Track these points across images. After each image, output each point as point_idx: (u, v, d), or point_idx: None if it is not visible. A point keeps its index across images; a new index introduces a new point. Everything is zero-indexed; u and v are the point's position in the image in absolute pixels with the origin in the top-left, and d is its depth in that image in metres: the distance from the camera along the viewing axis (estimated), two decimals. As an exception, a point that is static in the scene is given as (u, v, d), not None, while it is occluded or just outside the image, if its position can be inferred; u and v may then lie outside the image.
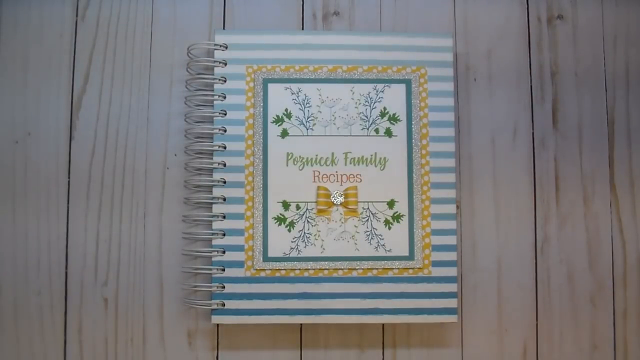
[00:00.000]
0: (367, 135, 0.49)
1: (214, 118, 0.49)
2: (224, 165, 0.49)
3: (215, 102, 0.49)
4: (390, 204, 0.49)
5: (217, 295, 0.48)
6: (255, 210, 0.48)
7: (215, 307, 0.47)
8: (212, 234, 0.48)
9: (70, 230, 0.50)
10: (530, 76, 0.52)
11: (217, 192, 0.49)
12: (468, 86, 0.52)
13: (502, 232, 0.51)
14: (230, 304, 0.48)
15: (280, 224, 0.48)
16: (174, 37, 0.52)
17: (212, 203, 0.49)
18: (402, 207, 0.49)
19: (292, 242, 0.48)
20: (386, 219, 0.49)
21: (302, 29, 0.52)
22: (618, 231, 0.51)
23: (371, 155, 0.49)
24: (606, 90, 0.52)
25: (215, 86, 0.49)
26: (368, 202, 0.49)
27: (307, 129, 0.49)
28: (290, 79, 0.50)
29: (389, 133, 0.50)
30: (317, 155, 0.49)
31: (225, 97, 0.49)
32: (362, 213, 0.49)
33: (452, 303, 0.48)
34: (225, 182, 0.49)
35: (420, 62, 0.50)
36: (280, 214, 0.49)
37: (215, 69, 0.50)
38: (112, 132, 0.51)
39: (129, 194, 0.50)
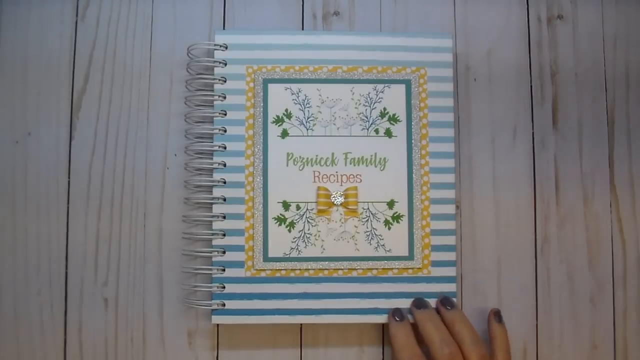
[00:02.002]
0: (367, 136, 0.49)
1: (214, 118, 0.49)
2: (224, 165, 0.49)
3: (215, 102, 0.49)
4: (390, 204, 0.49)
5: (218, 295, 0.48)
6: (256, 210, 0.48)
7: (215, 307, 0.47)
8: (212, 234, 0.48)
9: (70, 230, 0.50)
10: (530, 76, 0.52)
11: (217, 192, 0.49)
12: (468, 86, 0.52)
13: (502, 232, 0.51)
14: (230, 304, 0.48)
15: (280, 224, 0.48)
16: (174, 37, 0.52)
17: (212, 203, 0.49)
18: (401, 208, 0.49)
19: (292, 242, 0.48)
20: (386, 219, 0.49)
21: (302, 29, 0.52)
22: (618, 231, 0.51)
23: (371, 156, 0.49)
24: (606, 90, 0.52)
25: (215, 86, 0.49)
26: (368, 202, 0.49)
27: (307, 129, 0.49)
28: (290, 79, 0.50)
29: (388, 133, 0.50)
30: (317, 156, 0.49)
31: (225, 97, 0.49)
32: (362, 213, 0.49)
33: (452, 303, 0.48)
34: (225, 182, 0.49)
35: (420, 62, 0.50)
36: (281, 214, 0.49)
37: (215, 69, 0.50)
38: (112, 132, 0.51)
39: (129, 194, 0.50)
